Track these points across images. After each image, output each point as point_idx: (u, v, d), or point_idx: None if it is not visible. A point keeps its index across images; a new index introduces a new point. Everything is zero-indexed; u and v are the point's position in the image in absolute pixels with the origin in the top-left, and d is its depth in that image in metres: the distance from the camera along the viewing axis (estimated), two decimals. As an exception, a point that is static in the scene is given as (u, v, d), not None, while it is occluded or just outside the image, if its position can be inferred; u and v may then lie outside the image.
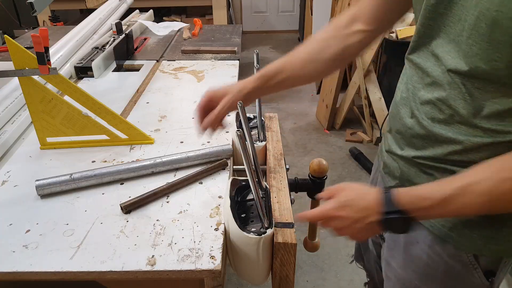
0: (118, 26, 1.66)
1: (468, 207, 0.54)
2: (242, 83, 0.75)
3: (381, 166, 0.79)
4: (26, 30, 2.96)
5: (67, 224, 0.72)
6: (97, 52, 1.49)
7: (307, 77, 0.76)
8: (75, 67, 1.38)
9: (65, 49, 1.43)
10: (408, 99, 0.67)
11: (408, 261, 0.74)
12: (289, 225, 0.72)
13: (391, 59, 2.63)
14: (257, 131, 0.99)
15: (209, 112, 0.75)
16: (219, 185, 0.83)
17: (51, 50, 1.37)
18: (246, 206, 0.79)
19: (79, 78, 1.38)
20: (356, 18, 0.73)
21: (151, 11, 2.22)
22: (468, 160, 0.59)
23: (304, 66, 0.74)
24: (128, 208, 0.75)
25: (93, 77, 1.37)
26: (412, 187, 0.58)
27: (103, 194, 0.80)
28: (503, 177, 0.51)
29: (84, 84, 1.34)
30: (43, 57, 0.83)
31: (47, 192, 0.79)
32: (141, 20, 1.97)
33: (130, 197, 0.78)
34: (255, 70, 0.94)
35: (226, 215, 0.73)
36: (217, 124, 0.76)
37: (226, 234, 0.71)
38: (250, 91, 0.74)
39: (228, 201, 0.75)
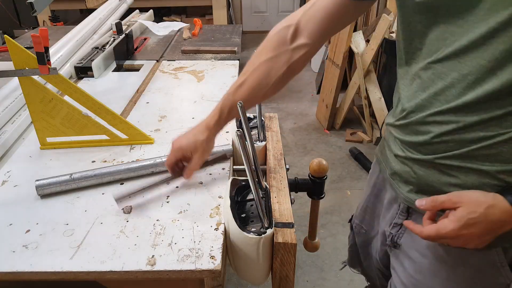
0: (118, 26, 1.66)
1: None
2: (206, 130, 0.78)
3: (387, 172, 0.77)
4: (26, 30, 2.96)
5: (67, 224, 0.72)
6: (97, 52, 1.49)
7: (259, 100, 0.81)
8: (75, 67, 1.38)
9: (65, 49, 1.43)
10: (418, 112, 0.64)
11: (429, 266, 0.71)
12: (289, 225, 0.72)
13: (391, 59, 2.63)
14: (257, 131, 0.99)
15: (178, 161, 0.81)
16: (219, 185, 0.83)
17: (51, 50, 1.37)
18: (246, 206, 0.79)
19: (79, 78, 1.38)
20: (300, 31, 0.72)
21: (151, 11, 2.22)
22: (496, 152, 0.58)
23: (254, 94, 0.77)
24: (119, 198, 0.74)
25: (93, 77, 1.37)
26: None
27: (103, 194, 0.80)
28: None
29: (84, 84, 1.34)
30: (43, 57, 0.83)
31: (47, 192, 0.79)
32: (141, 20, 1.97)
33: (130, 197, 0.79)
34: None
35: (226, 215, 0.73)
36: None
37: (226, 234, 0.71)
38: (215, 132, 0.79)
39: (228, 201, 0.75)
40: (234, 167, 0.92)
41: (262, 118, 1.04)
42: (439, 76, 0.60)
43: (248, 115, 1.05)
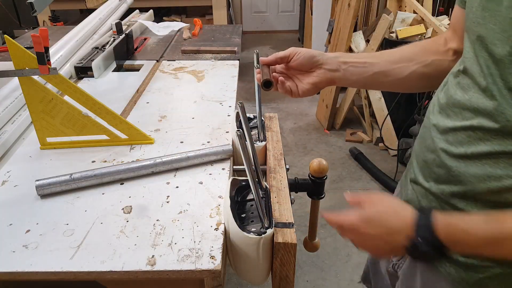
0: (118, 26, 1.66)
1: None
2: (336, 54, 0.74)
3: (402, 198, 0.74)
4: (26, 30, 2.96)
5: (67, 224, 0.72)
6: (97, 52, 1.49)
7: (395, 83, 0.74)
8: (75, 67, 1.38)
9: (65, 49, 1.43)
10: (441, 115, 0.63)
11: None
12: (289, 225, 0.72)
13: (391, 59, 2.62)
14: (257, 131, 0.99)
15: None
16: (219, 185, 0.83)
17: (51, 50, 1.37)
18: (246, 206, 0.79)
19: (79, 78, 1.38)
20: (450, 38, 0.72)
21: (151, 11, 2.22)
22: (504, 201, 0.53)
23: (394, 60, 0.73)
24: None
25: (93, 77, 1.37)
26: (454, 216, 0.52)
27: (103, 194, 0.80)
28: None
29: (84, 84, 1.34)
30: (43, 57, 0.83)
31: (47, 192, 0.79)
32: (141, 20, 1.97)
33: (130, 197, 0.79)
34: (255, 70, 0.94)
35: (226, 215, 0.73)
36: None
37: (226, 234, 0.71)
38: (343, 61, 0.74)
39: (228, 201, 0.75)
40: (234, 167, 0.92)
41: (262, 118, 1.04)
42: None
43: (248, 115, 1.05)
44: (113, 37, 1.62)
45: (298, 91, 0.77)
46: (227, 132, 1.02)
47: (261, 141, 0.97)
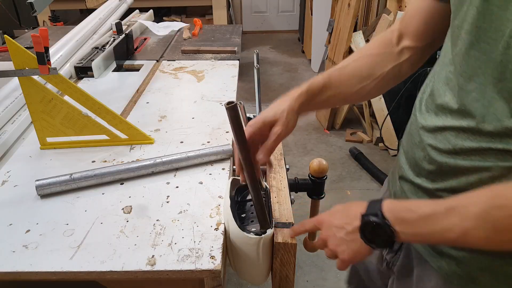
0: (118, 26, 1.66)
1: (453, 230, 0.49)
2: (288, 104, 0.67)
3: (392, 195, 0.74)
4: (26, 30, 2.96)
5: (67, 224, 0.72)
6: (97, 52, 1.49)
7: (354, 96, 0.72)
8: (75, 67, 1.38)
9: (65, 49, 1.43)
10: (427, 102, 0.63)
11: None
12: (289, 225, 0.72)
13: (391, 59, 2.63)
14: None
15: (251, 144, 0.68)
16: (219, 185, 0.83)
17: (51, 50, 1.37)
18: (246, 206, 0.79)
19: (79, 78, 1.38)
20: (403, 34, 0.70)
21: (151, 11, 2.22)
22: None
23: (353, 84, 0.70)
24: None
25: (93, 77, 1.37)
26: (402, 201, 0.56)
27: (103, 194, 0.80)
28: (495, 203, 0.47)
29: (84, 84, 1.34)
30: (43, 57, 0.83)
31: (47, 192, 0.79)
32: (141, 20, 1.97)
33: (130, 197, 0.79)
34: (255, 70, 0.94)
35: (226, 215, 0.73)
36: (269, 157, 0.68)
37: (226, 234, 0.71)
38: (298, 105, 0.68)
39: (228, 201, 0.75)
40: (234, 167, 0.92)
41: (262, 118, 1.03)
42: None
43: (248, 115, 1.05)
44: (113, 37, 1.62)
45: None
46: (227, 132, 1.02)
47: (261, 141, 0.97)
